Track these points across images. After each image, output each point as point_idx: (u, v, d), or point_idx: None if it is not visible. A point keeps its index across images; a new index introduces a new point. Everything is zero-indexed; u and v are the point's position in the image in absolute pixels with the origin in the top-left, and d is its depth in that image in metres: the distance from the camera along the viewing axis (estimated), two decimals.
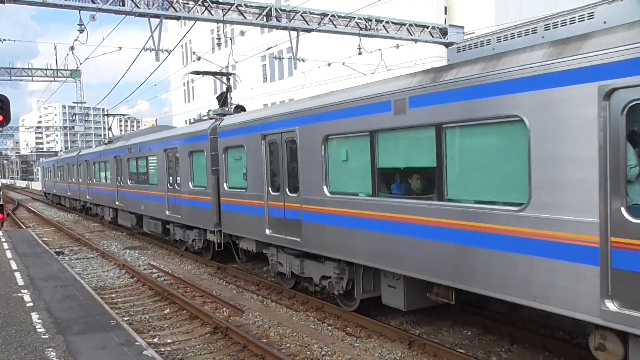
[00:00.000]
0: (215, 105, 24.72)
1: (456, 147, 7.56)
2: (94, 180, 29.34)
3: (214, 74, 20.76)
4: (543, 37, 6.86)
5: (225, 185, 14.42)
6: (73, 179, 35.36)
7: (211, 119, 16.40)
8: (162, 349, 9.24)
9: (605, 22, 6.10)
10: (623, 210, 5.50)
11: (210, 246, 16.31)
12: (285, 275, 12.31)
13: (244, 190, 13.36)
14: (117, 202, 24.47)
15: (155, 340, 9.80)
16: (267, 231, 12.29)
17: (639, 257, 5.35)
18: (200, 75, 21.49)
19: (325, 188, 10.19)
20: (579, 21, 6.48)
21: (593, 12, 6.34)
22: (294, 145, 11.18)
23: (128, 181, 22.74)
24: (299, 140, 10.91)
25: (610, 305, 5.57)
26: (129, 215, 23.16)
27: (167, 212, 18.23)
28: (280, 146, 11.75)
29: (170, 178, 18.09)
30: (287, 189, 11.51)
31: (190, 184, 16.52)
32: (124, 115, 34.64)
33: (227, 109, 16.98)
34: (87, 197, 31.28)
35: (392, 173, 8.98)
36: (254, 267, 15.99)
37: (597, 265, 5.69)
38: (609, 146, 5.55)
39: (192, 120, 32.62)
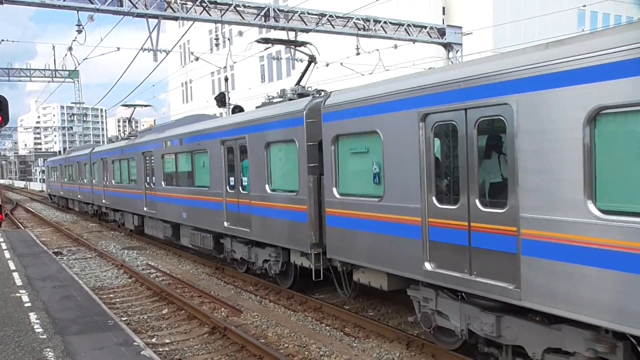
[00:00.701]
0: (214, 105, 24.60)
1: None
2: (113, 181, 25.11)
3: (286, 42, 15.66)
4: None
5: (334, 190, 9.95)
6: (85, 180, 30.94)
7: (292, 98, 12.35)
8: (160, 349, 9.23)
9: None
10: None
11: (291, 271, 12.48)
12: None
13: (376, 200, 8.98)
14: (145, 208, 20.50)
15: (154, 340, 9.80)
16: (428, 265, 7.91)
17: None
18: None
19: None
20: None
21: None
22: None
23: (162, 182, 18.58)
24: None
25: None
26: (162, 224, 19.04)
27: (226, 224, 14.00)
28: (467, 130, 7.23)
29: (231, 179, 13.91)
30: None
31: (266, 186, 12.14)
32: (145, 105, 30.40)
33: (301, 89, 12.76)
34: (103, 200, 26.96)
35: None
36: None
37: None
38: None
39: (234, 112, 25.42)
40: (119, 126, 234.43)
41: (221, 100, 26.52)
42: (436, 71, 8.44)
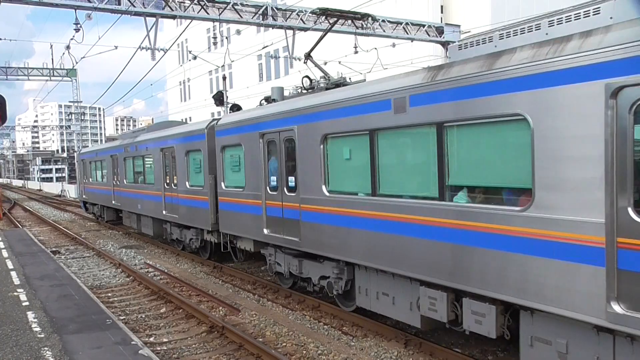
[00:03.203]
0: (212, 103, 24.57)
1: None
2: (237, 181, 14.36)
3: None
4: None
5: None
6: (164, 183, 17.98)
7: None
8: (158, 348, 9.23)
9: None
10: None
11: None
12: None
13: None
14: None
15: (151, 339, 9.79)
16: (265, 230, 12.21)
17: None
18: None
19: None
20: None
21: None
22: None
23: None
24: None
25: None
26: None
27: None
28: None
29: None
30: None
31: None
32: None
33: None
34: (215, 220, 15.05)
35: None
36: None
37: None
38: None
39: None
40: (117, 125, 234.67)
41: (219, 99, 26.50)
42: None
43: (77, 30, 16.83)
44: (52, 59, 38.24)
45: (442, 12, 31.65)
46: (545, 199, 6.09)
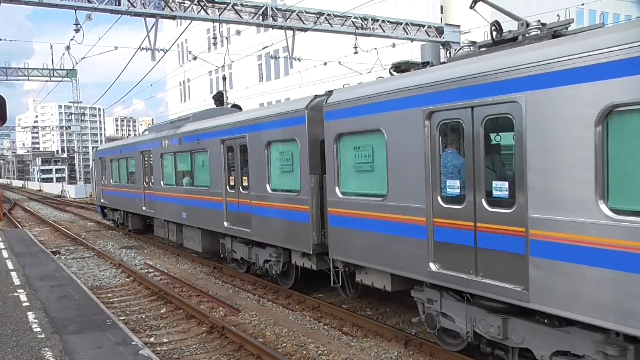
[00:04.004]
0: (211, 104, 24.63)
1: None
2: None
3: None
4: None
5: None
6: (226, 186, 14.07)
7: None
8: (159, 349, 9.24)
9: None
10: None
11: None
12: None
13: None
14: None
15: (152, 339, 9.79)
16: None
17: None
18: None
19: None
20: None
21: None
22: None
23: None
24: None
25: None
26: None
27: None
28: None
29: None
30: None
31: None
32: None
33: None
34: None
35: None
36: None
37: None
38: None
39: None
40: (116, 125, 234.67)
41: (219, 99, 26.50)
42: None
43: (77, 30, 16.85)
44: (52, 60, 38.11)
45: (441, 12, 31.67)
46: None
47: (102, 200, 26.97)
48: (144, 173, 20.01)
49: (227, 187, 13.85)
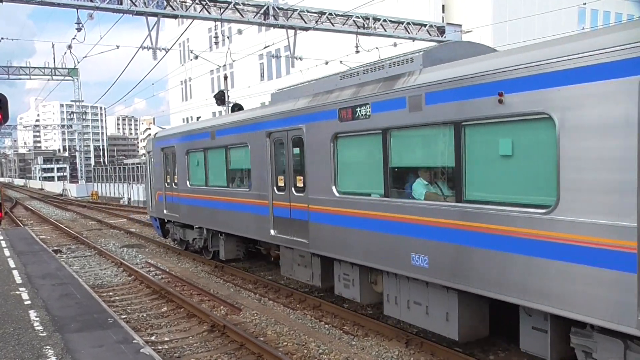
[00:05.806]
0: (213, 103, 24.51)
1: None
2: None
3: None
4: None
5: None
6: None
7: None
8: (160, 347, 9.25)
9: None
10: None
11: None
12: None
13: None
14: None
15: (153, 338, 9.81)
16: None
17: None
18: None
19: None
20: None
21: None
22: None
23: None
24: None
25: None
26: None
27: None
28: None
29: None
30: None
31: None
32: None
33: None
34: None
35: None
36: (251, 265, 15.95)
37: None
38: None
39: None
40: (118, 124, 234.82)
41: (220, 98, 26.54)
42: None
43: (78, 29, 16.88)
44: (54, 58, 38.25)
45: (443, 11, 31.64)
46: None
47: (165, 212, 18.11)
48: (275, 170, 11.83)
49: None
